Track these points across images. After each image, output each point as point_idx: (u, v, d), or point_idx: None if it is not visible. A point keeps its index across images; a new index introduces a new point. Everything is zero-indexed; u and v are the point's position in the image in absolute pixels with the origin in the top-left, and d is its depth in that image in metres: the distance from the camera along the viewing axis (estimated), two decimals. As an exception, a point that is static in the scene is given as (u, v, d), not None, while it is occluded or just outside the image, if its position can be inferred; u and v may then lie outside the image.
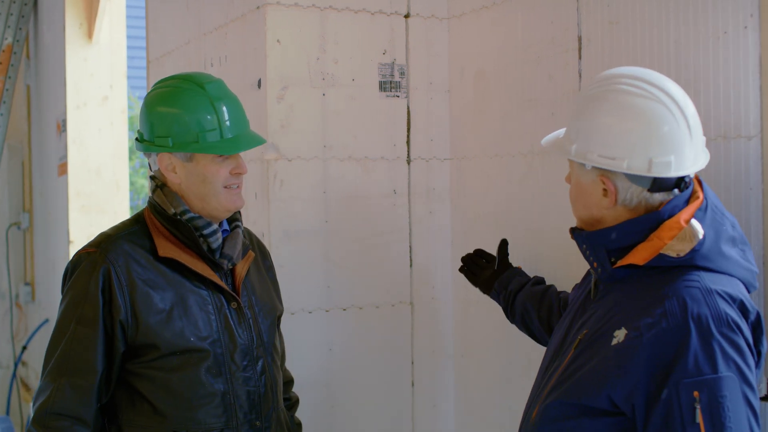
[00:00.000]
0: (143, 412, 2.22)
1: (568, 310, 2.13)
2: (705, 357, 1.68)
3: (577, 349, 1.89)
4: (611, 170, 1.86)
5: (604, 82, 1.92)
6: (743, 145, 2.19)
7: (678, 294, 1.74)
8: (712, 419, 1.66)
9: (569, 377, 1.87)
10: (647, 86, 1.86)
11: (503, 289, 2.65)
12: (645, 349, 1.73)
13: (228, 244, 2.31)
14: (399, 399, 3.26)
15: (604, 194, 1.89)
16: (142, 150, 2.30)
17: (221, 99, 2.25)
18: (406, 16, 3.23)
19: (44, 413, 2.14)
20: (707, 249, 1.79)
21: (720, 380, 1.67)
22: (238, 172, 2.28)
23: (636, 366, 1.73)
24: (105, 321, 2.17)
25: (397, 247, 3.23)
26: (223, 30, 3.36)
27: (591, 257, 1.93)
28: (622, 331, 1.78)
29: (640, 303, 1.79)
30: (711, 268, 1.79)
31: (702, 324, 1.69)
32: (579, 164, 1.92)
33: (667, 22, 2.38)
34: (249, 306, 2.34)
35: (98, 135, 5.80)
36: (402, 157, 3.23)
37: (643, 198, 1.86)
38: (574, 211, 1.99)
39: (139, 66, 6.49)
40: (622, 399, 1.75)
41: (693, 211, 1.82)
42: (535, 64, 2.87)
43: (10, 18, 6.01)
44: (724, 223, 1.86)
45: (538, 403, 1.94)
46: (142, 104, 2.31)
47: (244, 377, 2.28)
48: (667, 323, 1.72)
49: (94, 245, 2.24)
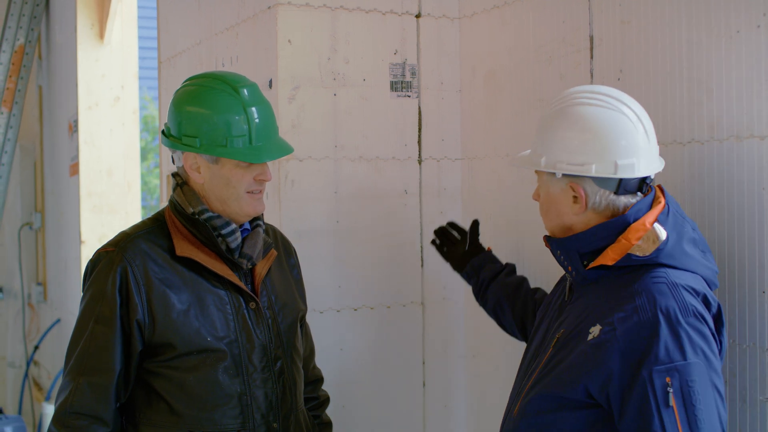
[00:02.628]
0: (160, 411, 2.22)
1: (544, 313, 2.26)
2: (675, 345, 1.81)
3: (555, 347, 2.02)
4: (580, 176, 2.00)
5: (565, 98, 2.07)
6: (756, 145, 2.18)
7: (647, 289, 1.88)
8: (684, 402, 1.79)
9: (548, 373, 1.99)
10: (605, 97, 2.02)
11: (475, 274, 2.76)
12: (619, 342, 1.86)
13: (248, 243, 2.29)
14: (410, 399, 3.26)
15: (574, 201, 2.03)
16: (169, 146, 2.28)
17: (254, 104, 2.22)
18: (417, 15, 3.23)
19: (64, 412, 2.15)
20: (671, 248, 1.94)
21: (689, 366, 1.80)
22: (262, 179, 2.26)
23: (611, 358, 1.86)
24: (122, 320, 2.18)
25: (409, 248, 3.23)
26: (234, 30, 3.37)
27: (565, 262, 2.07)
28: (597, 327, 1.91)
29: (612, 300, 1.93)
30: (675, 266, 1.93)
31: (670, 315, 1.83)
32: (549, 175, 2.06)
33: (680, 22, 2.37)
34: (268, 306, 2.33)
35: (110, 135, 5.81)
36: (413, 157, 3.23)
37: (610, 201, 2.00)
38: (547, 222, 2.12)
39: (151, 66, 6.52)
40: (598, 389, 1.87)
41: (656, 215, 1.97)
42: (546, 64, 2.86)
43: (22, 19, 6.02)
44: (685, 226, 2.01)
45: (520, 399, 2.06)
46: (172, 99, 2.29)
47: (261, 378, 2.27)
48: (638, 317, 1.85)
49: (112, 244, 2.24)
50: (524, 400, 2.03)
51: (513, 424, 2.06)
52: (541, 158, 2.05)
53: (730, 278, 2.24)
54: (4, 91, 5.97)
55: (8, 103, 6.02)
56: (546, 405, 1.97)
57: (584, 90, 2.07)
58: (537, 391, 2.00)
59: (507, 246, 3.06)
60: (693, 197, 2.33)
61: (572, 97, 2.06)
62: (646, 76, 2.47)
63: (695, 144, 2.33)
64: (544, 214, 2.12)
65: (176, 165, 2.30)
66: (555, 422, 1.96)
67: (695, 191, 2.33)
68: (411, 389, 3.26)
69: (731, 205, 2.24)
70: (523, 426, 2.02)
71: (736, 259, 2.23)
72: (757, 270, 2.18)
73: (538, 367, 2.05)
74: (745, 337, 2.21)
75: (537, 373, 2.04)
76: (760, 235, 2.17)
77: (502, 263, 2.77)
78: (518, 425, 2.03)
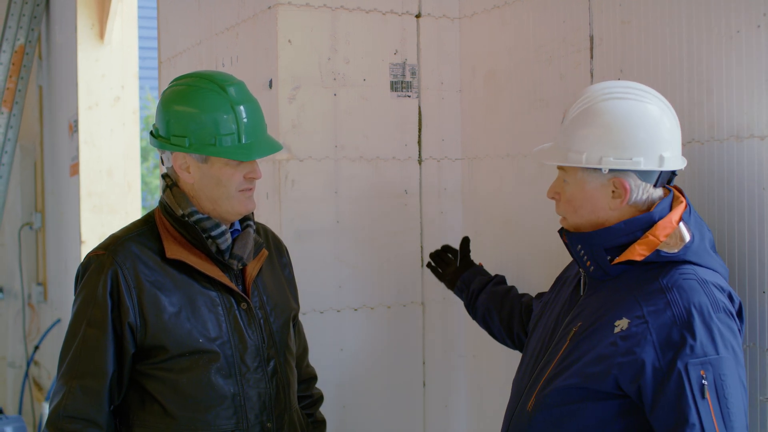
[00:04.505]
0: (153, 412, 2.22)
1: (542, 311, 2.27)
2: (708, 339, 1.85)
3: (572, 341, 2.03)
4: (626, 170, 2.00)
5: (596, 94, 2.06)
6: (756, 144, 2.18)
7: (678, 285, 1.91)
8: (717, 395, 1.83)
9: (569, 366, 2.00)
10: (638, 91, 2.04)
11: (466, 288, 2.80)
12: (652, 334, 1.89)
13: (238, 244, 2.29)
14: (410, 399, 3.26)
15: (613, 195, 2.03)
16: (157, 146, 2.28)
17: (241, 102, 2.23)
18: (418, 16, 3.23)
19: (57, 416, 2.15)
20: (696, 246, 1.98)
21: (721, 360, 1.84)
22: (252, 177, 2.26)
23: (643, 350, 1.88)
24: (114, 323, 2.18)
25: (409, 247, 3.23)
26: (234, 30, 3.37)
27: (585, 257, 2.08)
28: (624, 320, 1.93)
29: (638, 295, 1.95)
30: (700, 263, 1.97)
31: (703, 311, 1.87)
32: (586, 171, 2.05)
33: (680, 21, 2.37)
34: (260, 306, 2.33)
35: (110, 135, 5.81)
36: (413, 157, 3.23)
37: (649, 194, 2.03)
38: (575, 218, 2.10)
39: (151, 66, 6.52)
40: (629, 381, 1.90)
41: (681, 213, 2.01)
42: (546, 64, 2.86)
43: (22, 18, 6.02)
44: (704, 226, 2.05)
45: (534, 393, 2.07)
46: (160, 100, 2.29)
47: (254, 378, 2.27)
48: (671, 311, 1.88)
49: (102, 247, 2.24)
50: (541, 393, 2.04)
51: (528, 417, 2.06)
52: (580, 155, 2.03)
53: (731, 278, 2.24)
54: (5, 91, 5.97)
55: (8, 103, 6.01)
56: (568, 397, 1.99)
57: (613, 85, 2.07)
58: (557, 383, 2.01)
59: (507, 246, 3.06)
60: (693, 197, 2.33)
61: (603, 93, 2.05)
62: (647, 76, 2.47)
63: (695, 144, 2.33)
64: (574, 210, 2.09)
65: (165, 166, 2.30)
66: (577, 413, 1.98)
67: (695, 191, 2.33)
68: (411, 389, 3.26)
69: (731, 205, 2.24)
70: (540, 419, 2.03)
71: (737, 259, 2.23)
72: (757, 270, 2.18)
73: (552, 360, 2.06)
74: (745, 338, 2.21)
75: (553, 366, 2.04)
76: (760, 235, 2.17)
77: (491, 275, 2.81)
78: (534, 417, 2.04)
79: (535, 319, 2.31)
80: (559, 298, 2.23)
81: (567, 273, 2.32)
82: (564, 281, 2.28)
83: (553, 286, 2.34)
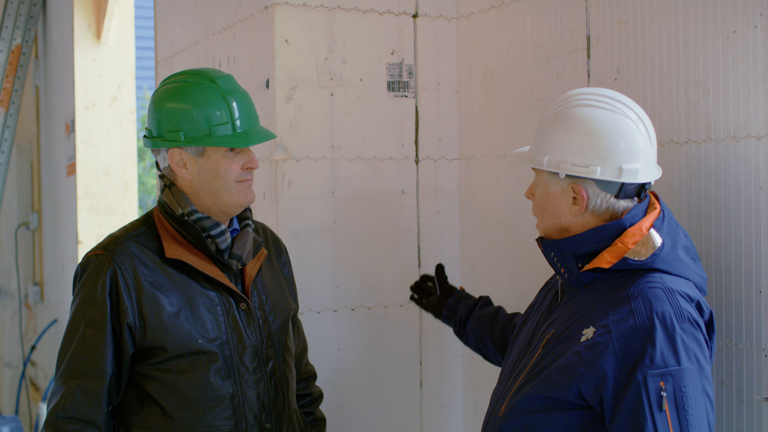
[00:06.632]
0: (152, 413, 2.22)
1: (527, 316, 2.27)
2: (669, 350, 1.82)
3: (544, 348, 2.02)
4: (583, 177, 1.99)
5: (569, 99, 2.06)
6: (752, 145, 2.18)
7: (643, 294, 1.89)
8: (677, 407, 1.80)
9: (538, 373, 1.99)
10: (610, 100, 2.02)
11: (452, 315, 2.76)
12: (614, 344, 1.87)
13: (238, 243, 2.29)
14: (407, 399, 3.26)
15: (573, 202, 2.03)
16: (152, 146, 2.28)
17: (232, 93, 2.24)
18: (415, 16, 3.23)
19: (56, 417, 2.15)
20: (666, 254, 1.95)
21: (683, 371, 1.81)
22: (249, 167, 2.26)
23: (605, 360, 1.86)
24: (113, 323, 2.17)
25: (406, 247, 3.23)
26: (231, 30, 3.37)
27: (558, 264, 2.07)
28: (590, 329, 1.92)
29: (606, 303, 1.93)
30: (669, 271, 1.95)
31: (666, 320, 1.84)
32: (549, 175, 2.06)
33: (676, 22, 2.37)
34: (259, 306, 2.33)
35: (107, 135, 5.81)
36: (410, 157, 3.23)
37: (610, 204, 2.01)
38: (542, 222, 2.12)
39: (148, 66, 6.51)
40: (590, 391, 1.88)
41: (652, 221, 1.98)
42: (543, 64, 2.86)
43: (19, 18, 6.02)
44: (679, 233, 2.02)
45: (506, 400, 2.06)
46: (150, 101, 2.30)
47: (254, 379, 2.27)
48: (634, 320, 1.86)
49: (101, 247, 2.23)
50: (512, 400, 2.03)
51: (499, 424, 2.05)
52: (543, 157, 2.04)
53: (727, 278, 2.24)
54: (1, 91, 5.97)
55: (5, 103, 6.01)
56: (535, 405, 1.97)
57: (588, 92, 2.06)
58: (526, 391, 2.00)
59: (503, 246, 3.07)
60: (690, 197, 2.33)
61: (576, 99, 2.05)
62: (643, 77, 2.47)
63: (692, 144, 2.34)
64: (540, 213, 2.11)
65: (162, 166, 2.30)
66: (544, 423, 1.96)
67: (692, 191, 2.34)
68: (408, 389, 3.26)
69: (728, 205, 2.24)
70: (510, 426, 2.02)
71: (733, 259, 2.23)
72: (753, 270, 2.18)
73: (526, 367, 2.05)
74: (741, 338, 2.21)
75: (525, 373, 2.03)
76: (756, 235, 2.18)
77: (475, 297, 2.78)
78: (504, 425, 2.03)
79: (520, 325, 2.31)
80: (542, 305, 2.23)
81: (553, 279, 2.32)
82: (550, 287, 2.28)
83: (539, 292, 2.34)
